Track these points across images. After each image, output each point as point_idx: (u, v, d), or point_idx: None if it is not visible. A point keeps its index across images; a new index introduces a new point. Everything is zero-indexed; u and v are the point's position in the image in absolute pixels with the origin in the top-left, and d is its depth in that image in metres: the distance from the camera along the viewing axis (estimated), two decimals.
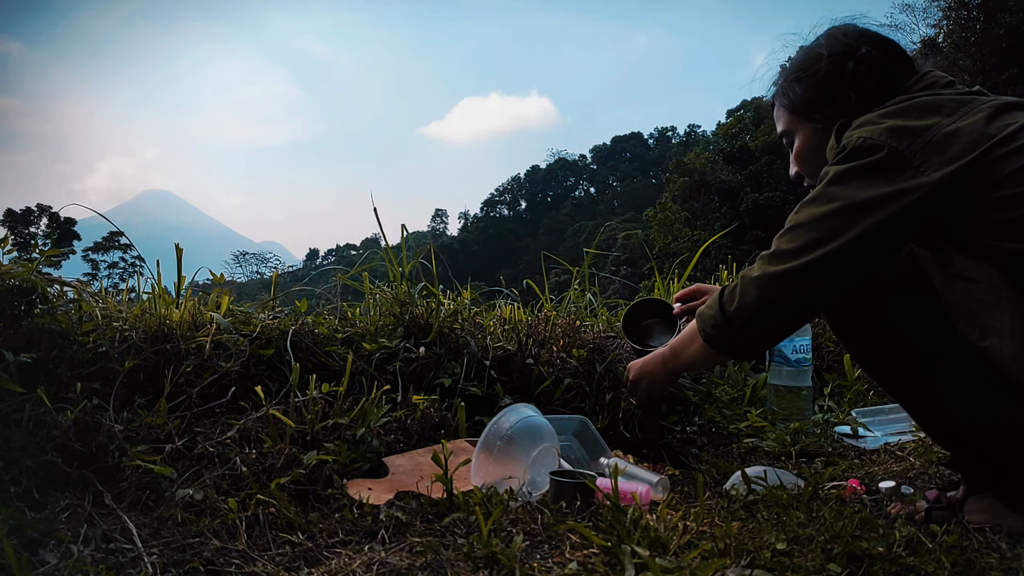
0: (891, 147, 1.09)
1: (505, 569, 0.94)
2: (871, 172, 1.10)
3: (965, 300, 1.05)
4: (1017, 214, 1.03)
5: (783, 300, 1.18)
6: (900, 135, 1.09)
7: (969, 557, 1.00)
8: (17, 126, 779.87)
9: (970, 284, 1.05)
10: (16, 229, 39.14)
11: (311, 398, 1.53)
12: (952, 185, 1.06)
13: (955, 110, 1.11)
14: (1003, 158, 1.05)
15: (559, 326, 2.19)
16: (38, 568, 0.95)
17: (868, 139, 1.11)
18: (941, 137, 1.08)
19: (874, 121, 1.14)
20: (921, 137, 1.08)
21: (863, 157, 1.11)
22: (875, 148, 1.10)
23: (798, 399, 2.18)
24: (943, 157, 1.06)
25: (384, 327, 1.98)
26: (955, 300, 1.06)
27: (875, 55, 1.27)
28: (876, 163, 1.10)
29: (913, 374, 1.17)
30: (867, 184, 1.10)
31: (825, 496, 1.34)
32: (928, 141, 1.08)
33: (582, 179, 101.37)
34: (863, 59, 1.27)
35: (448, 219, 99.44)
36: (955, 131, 1.08)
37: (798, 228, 1.15)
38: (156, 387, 1.56)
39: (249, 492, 1.25)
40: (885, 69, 1.26)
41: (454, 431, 1.70)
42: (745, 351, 1.30)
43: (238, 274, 71.94)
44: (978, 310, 1.03)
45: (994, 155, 1.05)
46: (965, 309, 1.05)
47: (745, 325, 1.23)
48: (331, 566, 0.99)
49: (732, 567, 0.91)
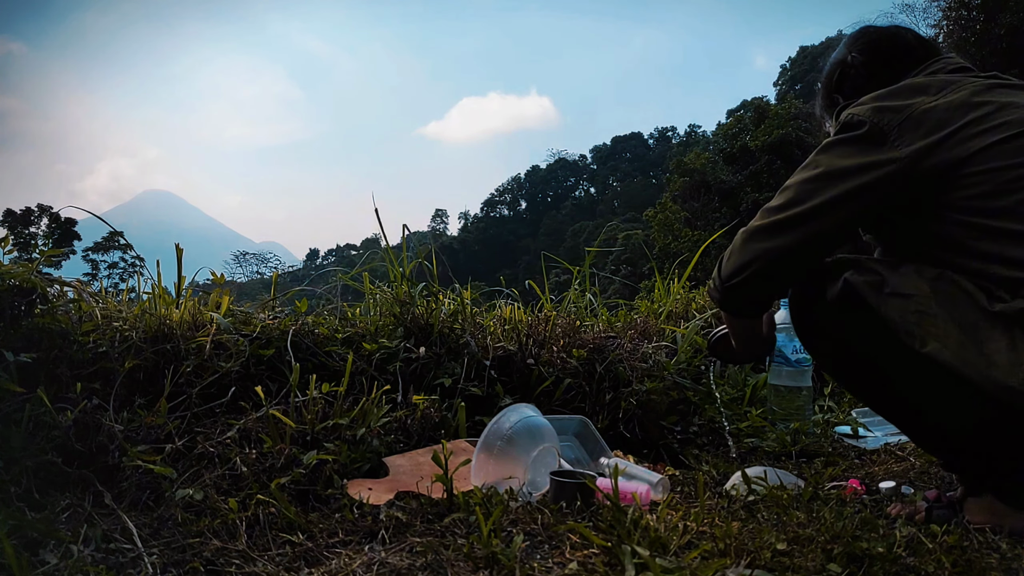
0: (872, 122, 1.19)
1: (505, 569, 0.94)
2: (851, 143, 1.21)
3: (902, 314, 1.11)
4: (978, 191, 1.10)
5: (764, 251, 1.26)
6: (882, 112, 1.19)
7: (969, 557, 1.00)
8: (17, 126, 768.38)
9: (904, 299, 1.12)
10: (16, 229, 39.14)
11: (311, 398, 1.53)
12: (922, 160, 1.13)
13: (941, 89, 1.19)
14: (976, 136, 1.11)
15: (559, 326, 2.19)
16: (38, 568, 0.95)
17: (855, 115, 1.22)
18: (919, 114, 1.16)
19: (865, 101, 1.24)
20: (900, 114, 1.18)
21: (848, 131, 1.22)
22: (859, 124, 1.20)
23: (798, 399, 2.18)
24: (916, 133, 1.15)
25: (384, 327, 1.98)
26: (893, 316, 1.12)
27: (860, 60, 1.40)
28: (858, 137, 1.20)
29: (881, 389, 1.24)
30: (846, 154, 1.20)
31: (825, 496, 1.34)
32: (906, 117, 1.17)
33: (582, 179, 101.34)
34: (852, 64, 1.42)
35: (448, 219, 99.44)
36: (932, 108, 1.16)
37: (785, 190, 1.27)
38: (156, 387, 1.56)
39: (249, 492, 1.25)
40: (882, 69, 1.36)
41: (454, 431, 1.70)
42: (738, 303, 1.37)
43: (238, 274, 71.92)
44: (915, 321, 1.10)
45: (967, 133, 1.12)
46: (903, 322, 1.11)
47: (731, 274, 1.30)
48: (331, 566, 0.99)
49: (732, 567, 0.91)
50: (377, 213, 2.29)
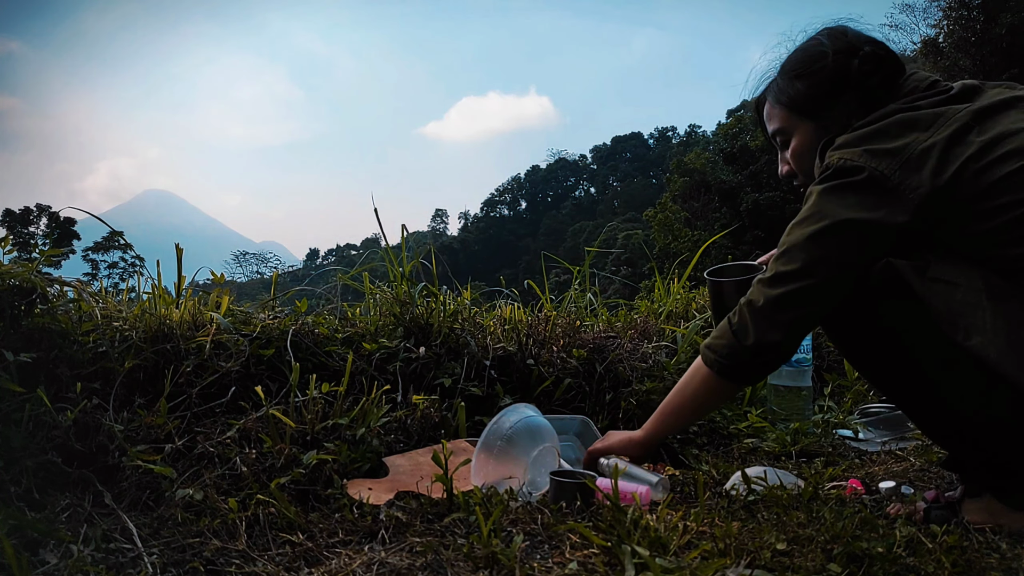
0: (871, 168, 1.13)
1: (505, 569, 0.94)
2: (854, 191, 1.15)
3: (947, 303, 1.08)
4: (1005, 219, 1.06)
5: (794, 319, 1.23)
6: (878, 156, 1.13)
7: (969, 557, 1.00)
8: (17, 126, 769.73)
9: (950, 287, 1.08)
10: (15, 229, 39.12)
11: (311, 398, 1.53)
12: (933, 201, 1.09)
13: (931, 123, 1.14)
14: (986, 168, 1.07)
15: (559, 326, 2.19)
16: (38, 568, 0.95)
17: (848, 160, 1.15)
18: (918, 154, 1.11)
19: (852, 143, 1.18)
20: (898, 157, 1.12)
21: (845, 177, 1.15)
22: (856, 169, 1.14)
23: (798, 399, 2.18)
24: (921, 175, 1.10)
25: (384, 327, 1.98)
26: (937, 304, 1.09)
27: (880, 54, 1.28)
28: (859, 183, 1.14)
29: (906, 376, 1.19)
30: (852, 204, 1.14)
31: (825, 496, 1.34)
32: (905, 160, 1.12)
33: (582, 179, 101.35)
34: (867, 58, 1.27)
35: (448, 219, 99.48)
36: (931, 147, 1.11)
37: (793, 249, 1.20)
38: (156, 387, 1.56)
39: (249, 492, 1.25)
40: (886, 68, 1.27)
41: (454, 431, 1.70)
42: (763, 374, 1.36)
43: (238, 274, 71.95)
44: (960, 311, 1.06)
45: (973, 168, 1.08)
46: (947, 311, 1.07)
47: (766, 347, 1.25)
48: (331, 566, 0.99)
49: (732, 567, 0.91)
50: (377, 213, 2.29)
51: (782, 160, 1.45)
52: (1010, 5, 20.16)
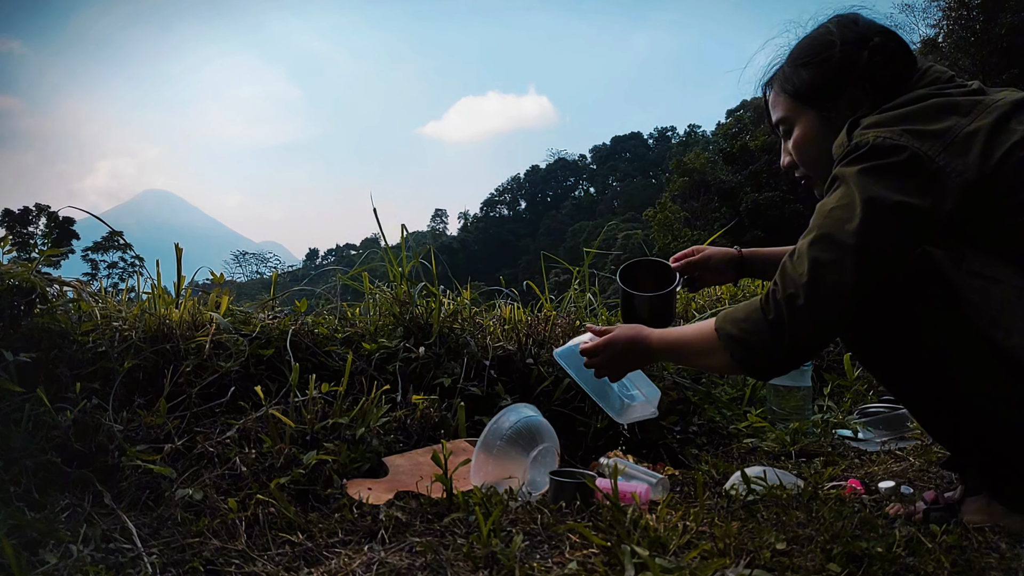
0: (914, 148, 1.06)
1: (505, 569, 0.94)
2: (895, 172, 1.06)
3: (986, 299, 1.03)
4: None
5: (836, 317, 1.12)
6: (921, 137, 1.06)
7: (968, 557, 1.00)
8: (17, 126, 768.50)
9: (989, 282, 1.03)
10: (14, 229, 39.11)
11: (311, 398, 1.53)
12: (976, 188, 1.04)
13: (971, 109, 1.09)
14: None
15: (559, 326, 2.19)
16: (38, 568, 0.95)
17: (888, 139, 1.07)
18: (962, 138, 1.06)
19: (888, 122, 1.10)
20: (941, 139, 1.06)
21: (885, 157, 1.07)
22: (896, 149, 1.06)
23: (798, 399, 2.18)
24: (966, 160, 1.04)
25: (384, 327, 1.98)
26: (975, 298, 1.04)
27: (891, 46, 1.23)
28: (900, 163, 1.06)
29: (920, 370, 1.14)
30: (894, 184, 1.06)
31: (825, 496, 1.34)
32: (949, 143, 1.05)
33: (582, 179, 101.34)
34: (877, 49, 1.22)
35: (448, 219, 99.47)
36: (975, 131, 1.06)
37: (830, 238, 1.09)
38: (156, 387, 1.56)
39: (249, 492, 1.25)
40: (897, 62, 1.23)
41: (454, 431, 1.70)
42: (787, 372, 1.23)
43: (238, 274, 71.95)
44: (1001, 309, 1.02)
45: (1020, 155, 1.03)
46: (987, 308, 1.03)
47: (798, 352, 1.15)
48: (331, 566, 0.99)
49: (732, 567, 0.91)
50: (376, 213, 2.30)
51: (784, 151, 1.39)
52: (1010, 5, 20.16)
